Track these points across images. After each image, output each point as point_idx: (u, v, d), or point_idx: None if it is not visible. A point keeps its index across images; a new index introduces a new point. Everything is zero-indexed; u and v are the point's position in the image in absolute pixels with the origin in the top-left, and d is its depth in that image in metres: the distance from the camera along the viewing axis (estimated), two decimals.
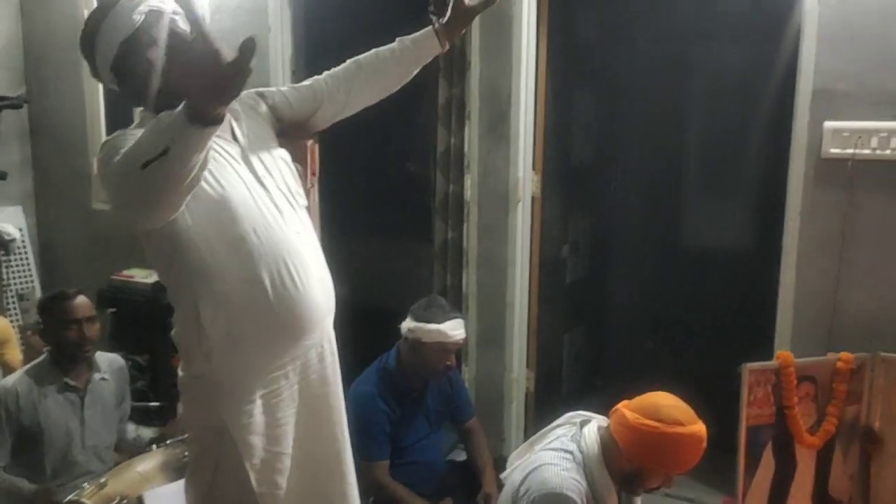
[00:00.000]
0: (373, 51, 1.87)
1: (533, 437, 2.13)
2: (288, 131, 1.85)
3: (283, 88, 1.87)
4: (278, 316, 1.62)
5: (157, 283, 3.41)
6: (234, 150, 1.64)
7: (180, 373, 1.70)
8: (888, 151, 2.57)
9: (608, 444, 1.95)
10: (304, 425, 1.73)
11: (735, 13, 3.86)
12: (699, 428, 1.87)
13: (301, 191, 1.77)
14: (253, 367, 1.63)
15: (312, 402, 1.75)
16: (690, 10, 4.00)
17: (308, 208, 1.79)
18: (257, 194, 1.62)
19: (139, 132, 1.51)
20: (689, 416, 1.88)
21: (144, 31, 1.58)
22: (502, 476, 2.14)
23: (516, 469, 2.04)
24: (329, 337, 1.79)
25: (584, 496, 1.89)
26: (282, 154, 1.76)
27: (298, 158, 1.86)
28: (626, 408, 1.94)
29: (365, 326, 3.38)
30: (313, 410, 1.75)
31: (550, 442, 2.02)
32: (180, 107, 1.21)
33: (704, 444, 1.88)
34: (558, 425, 2.10)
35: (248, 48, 1.13)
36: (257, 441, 1.64)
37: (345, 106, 1.88)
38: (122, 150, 1.41)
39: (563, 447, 1.97)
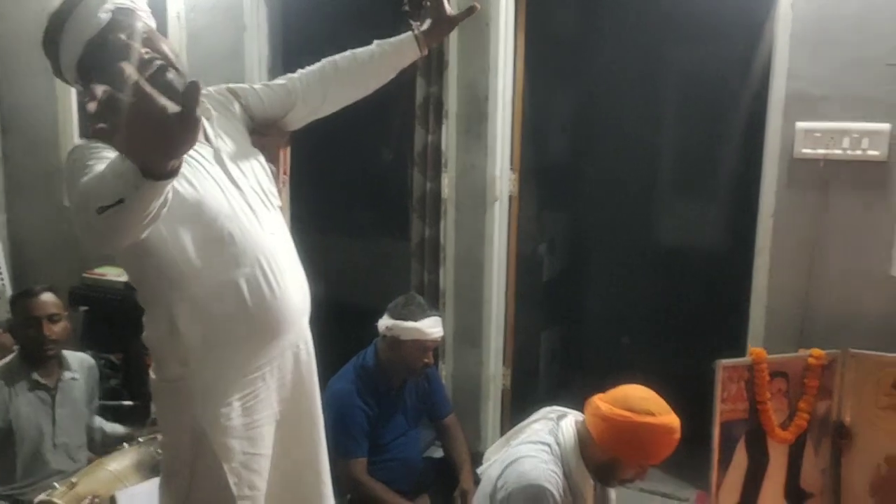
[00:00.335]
0: (350, 52, 1.86)
1: (509, 433, 2.15)
2: (260, 130, 1.83)
3: (257, 86, 1.85)
4: (255, 317, 1.60)
5: (129, 281, 3.37)
6: (207, 152, 1.62)
7: (152, 375, 1.66)
8: (859, 152, 2.62)
9: (583, 435, 1.99)
10: (281, 426, 1.72)
11: (711, 14, 3.90)
12: (671, 419, 1.90)
13: (275, 191, 1.75)
14: (230, 370, 1.61)
15: (289, 403, 1.73)
16: (667, 11, 4.04)
17: (281, 208, 1.77)
18: (231, 196, 1.60)
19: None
20: (661, 407, 1.92)
21: (110, 29, 1.53)
22: (479, 471, 2.16)
23: (493, 464, 2.06)
24: (305, 337, 1.77)
25: (560, 488, 1.92)
26: (255, 154, 1.74)
27: (271, 158, 1.84)
28: (599, 399, 1.98)
29: (342, 324, 3.37)
30: (290, 411, 1.74)
31: (528, 436, 2.04)
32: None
33: (677, 435, 1.91)
34: (535, 420, 2.12)
35: (190, 94, 1.05)
36: (235, 444, 1.62)
37: (319, 107, 1.86)
38: (88, 166, 1.37)
39: (541, 440, 2.00)
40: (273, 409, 1.70)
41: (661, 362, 3.83)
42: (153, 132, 1.05)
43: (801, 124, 2.68)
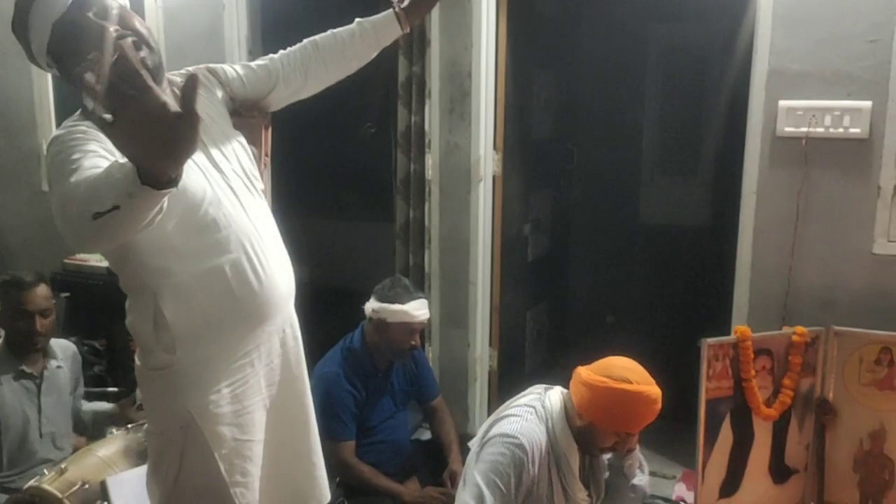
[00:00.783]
0: (330, 32, 1.83)
1: (498, 409, 2.18)
2: (241, 111, 1.80)
3: (237, 66, 1.82)
4: (241, 303, 1.59)
5: (111, 267, 3.35)
6: None
7: (137, 363, 1.65)
8: (840, 130, 2.63)
9: (567, 403, 2.06)
10: (271, 411, 1.72)
11: None
12: (649, 389, 1.94)
13: (257, 173, 1.73)
14: (218, 357, 1.60)
15: (278, 387, 1.73)
16: None
17: (263, 191, 1.75)
18: (214, 180, 1.57)
19: (85, 126, 1.45)
20: (641, 376, 1.97)
21: (77, 8, 1.46)
22: (469, 444, 2.17)
23: (480, 432, 2.11)
24: (291, 321, 1.77)
25: (542, 447, 1.99)
26: (237, 136, 1.71)
27: (252, 140, 1.82)
28: (583, 368, 2.05)
29: (328, 307, 3.36)
30: (279, 396, 1.73)
31: (513, 405, 2.11)
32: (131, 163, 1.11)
33: (655, 405, 1.95)
34: (522, 396, 2.17)
35: (189, 89, 1.03)
36: (226, 431, 1.61)
37: (301, 88, 1.84)
38: (74, 161, 1.34)
39: (527, 403, 2.08)
40: (262, 395, 1.69)
41: (646, 341, 3.84)
42: (154, 130, 1.03)
43: (783, 102, 2.69)
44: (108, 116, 1.01)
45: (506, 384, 3.59)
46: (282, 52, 1.84)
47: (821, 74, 2.64)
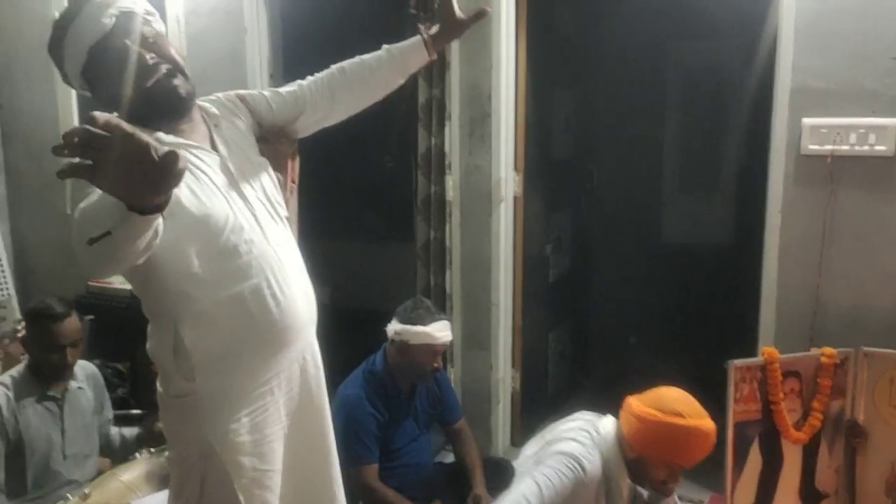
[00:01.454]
0: (358, 58, 1.83)
1: (544, 430, 2.16)
2: (268, 136, 1.81)
3: (265, 92, 1.83)
4: (261, 329, 1.58)
5: (133, 291, 3.37)
6: (214, 161, 1.60)
7: (159, 389, 1.64)
8: (866, 147, 2.60)
9: (618, 432, 2.01)
10: (291, 439, 1.70)
11: (713, 10, 3.88)
12: (702, 423, 1.89)
13: (282, 200, 1.73)
14: (238, 385, 1.59)
15: (298, 415, 1.71)
16: (669, 8, 4.03)
17: (288, 218, 1.75)
18: (238, 207, 1.57)
19: None
20: (694, 410, 1.91)
21: (116, 35, 1.49)
22: (515, 464, 2.15)
23: (532, 454, 2.08)
24: (312, 348, 1.75)
25: (595, 471, 1.94)
26: (262, 163, 1.72)
27: (278, 167, 1.82)
28: (634, 398, 2.00)
29: (349, 329, 3.36)
30: (300, 424, 1.72)
31: (569, 429, 2.06)
32: None
33: (709, 439, 1.90)
34: (571, 419, 2.13)
35: (171, 154, 1.05)
36: (245, 461, 1.60)
37: (328, 114, 1.84)
38: (88, 192, 1.35)
39: (583, 427, 2.03)
40: (282, 424, 1.67)
41: (670, 362, 3.81)
42: (134, 172, 1.03)
43: (807, 120, 2.66)
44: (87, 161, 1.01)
45: (528, 406, 3.56)
46: (309, 78, 1.84)
47: (845, 92, 2.61)
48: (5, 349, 2.93)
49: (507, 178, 3.28)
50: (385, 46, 1.83)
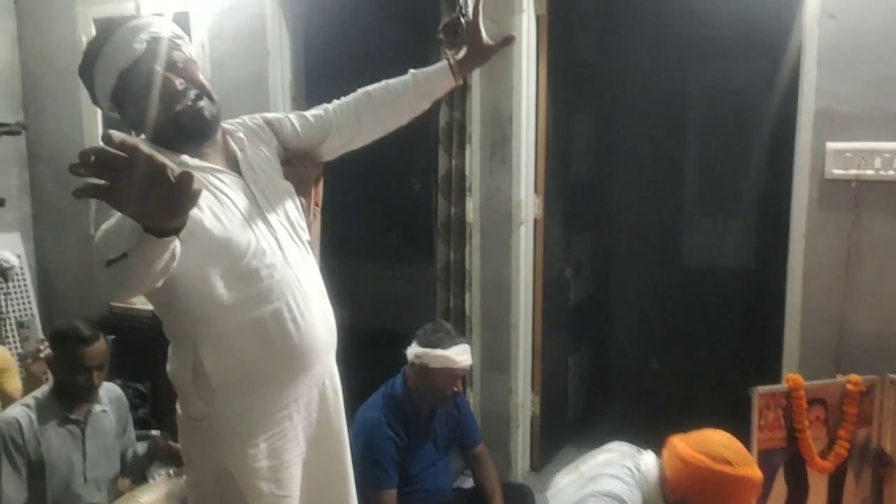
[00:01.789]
0: (384, 82, 1.83)
1: (579, 460, 2.10)
2: (293, 160, 1.82)
3: (291, 116, 1.83)
4: (280, 353, 1.58)
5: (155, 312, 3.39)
6: (237, 184, 1.61)
7: (178, 411, 1.65)
8: (891, 172, 2.58)
9: (661, 472, 1.94)
10: (309, 465, 1.69)
11: (733, 33, 3.88)
12: (750, 472, 1.82)
13: (304, 224, 1.73)
14: (256, 410, 1.59)
15: (317, 441, 1.71)
16: (689, 30, 4.03)
17: (310, 242, 1.76)
18: (260, 231, 1.58)
19: None
20: (742, 457, 1.84)
21: (146, 60, 1.53)
22: (548, 495, 2.11)
23: (570, 486, 2.01)
24: (331, 373, 1.74)
25: None
26: (286, 186, 1.73)
27: (302, 190, 1.83)
28: (679, 439, 1.92)
29: (368, 351, 3.36)
30: (318, 450, 1.71)
31: (607, 461, 2.00)
32: None
33: (756, 489, 1.84)
34: (606, 450, 2.08)
35: (187, 175, 1.05)
36: (263, 486, 1.59)
37: (354, 137, 1.84)
38: (109, 215, 1.37)
39: (623, 464, 1.96)
40: (300, 450, 1.67)
41: (691, 387, 3.78)
42: (150, 193, 1.03)
43: (831, 144, 2.64)
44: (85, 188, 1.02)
45: (548, 430, 3.53)
46: (335, 102, 1.85)
47: (869, 116, 2.59)
48: (28, 368, 2.94)
49: (527, 201, 3.28)
50: (411, 71, 1.84)
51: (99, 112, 3.90)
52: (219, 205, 1.54)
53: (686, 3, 3.91)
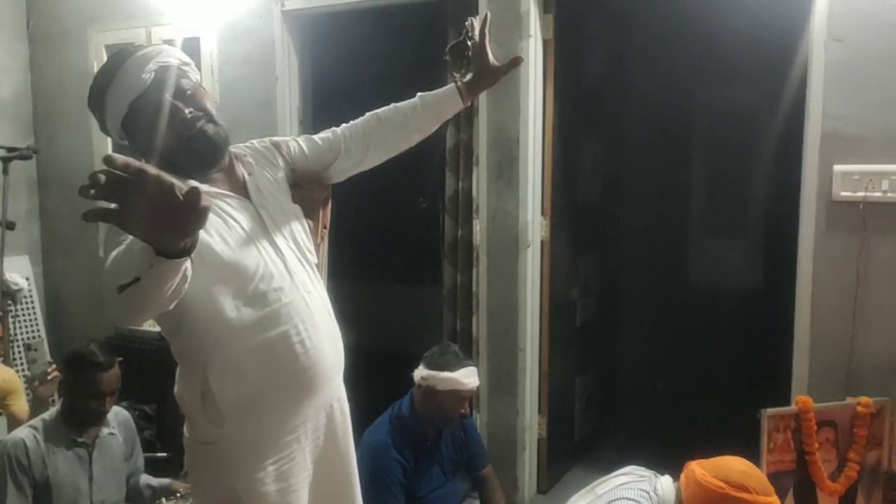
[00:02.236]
0: (393, 105, 1.85)
1: (594, 483, 2.09)
2: (301, 183, 1.83)
3: (300, 139, 1.85)
4: (290, 378, 1.58)
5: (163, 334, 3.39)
6: (246, 209, 1.62)
7: (185, 433, 1.65)
8: None
9: (678, 496, 1.92)
10: (316, 488, 1.69)
11: (740, 56, 3.90)
12: (769, 501, 1.80)
13: (312, 247, 1.74)
14: (265, 433, 1.58)
15: (324, 464, 1.70)
16: (696, 54, 4.06)
17: (318, 265, 1.76)
18: (268, 255, 1.59)
19: None
20: (762, 485, 1.82)
21: (154, 89, 1.55)
22: None
23: None
24: (339, 396, 1.74)
25: None
26: (294, 210, 1.73)
27: (310, 213, 1.83)
28: (697, 464, 1.91)
29: (376, 372, 3.36)
30: (325, 472, 1.71)
31: (624, 484, 1.98)
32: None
33: None
34: (621, 474, 2.06)
35: (194, 191, 1.05)
36: None
37: (362, 160, 1.85)
38: (124, 235, 1.38)
39: (641, 487, 1.94)
40: (308, 472, 1.66)
41: (699, 409, 3.76)
42: (159, 214, 1.03)
43: (838, 167, 2.65)
44: (112, 205, 1.01)
45: (555, 453, 3.51)
46: (344, 125, 1.86)
47: (877, 139, 2.60)
48: (35, 391, 2.94)
49: (534, 223, 3.29)
50: (419, 94, 1.85)
51: (109, 138, 3.93)
52: (227, 229, 1.55)
53: (693, 26, 3.95)
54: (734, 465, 1.86)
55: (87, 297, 4.27)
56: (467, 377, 2.56)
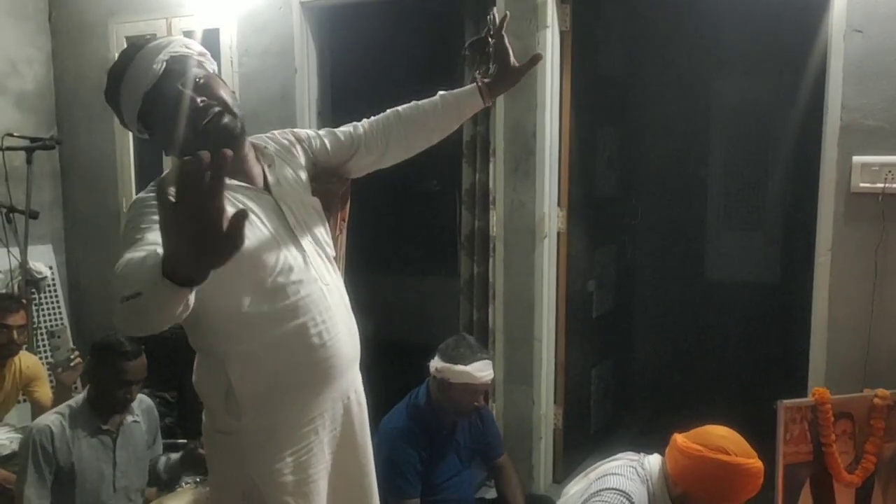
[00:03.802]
0: (414, 103, 1.83)
1: (588, 469, 2.14)
2: (321, 176, 1.82)
3: (322, 132, 1.84)
4: (307, 370, 1.60)
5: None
6: (265, 202, 1.61)
7: (204, 421, 1.67)
8: None
9: (664, 468, 1.99)
10: (333, 479, 1.70)
11: (758, 48, 3.88)
12: (748, 462, 1.85)
13: (330, 240, 1.74)
14: (283, 424, 1.60)
15: (341, 454, 1.71)
16: (714, 45, 4.04)
17: (336, 258, 1.76)
18: (287, 248, 1.59)
19: None
20: (741, 448, 1.87)
21: (167, 79, 1.51)
22: (559, 503, 2.13)
23: (576, 493, 2.06)
24: (355, 386, 1.75)
25: None
26: (314, 203, 1.73)
27: (329, 206, 1.83)
28: (679, 434, 1.97)
29: (392, 362, 3.38)
30: (343, 463, 1.72)
31: (614, 466, 2.04)
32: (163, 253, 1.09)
33: (753, 479, 1.86)
34: (614, 459, 2.11)
35: (239, 219, 1.01)
36: (290, 501, 1.60)
37: (382, 156, 1.84)
38: (141, 231, 1.37)
39: (629, 465, 2.01)
40: (326, 463, 1.68)
41: (715, 401, 3.76)
42: (201, 231, 1.00)
43: (857, 158, 2.64)
44: (171, 194, 0.99)
45: (571, 443, 3.53)
46: (365, 120, 1.85)
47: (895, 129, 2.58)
48: (58, 377, 2.99)
49: (550, 214, 3.30)
50: (440, 93, 1.84)
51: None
52: (248, 224, 1.55)
53: (710, 18, 3.93)
54: (714, 431, 1.93)
55: (108, 285, 4.31)
56: (481, 371, 2.56)
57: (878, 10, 2.58)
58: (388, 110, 1.85)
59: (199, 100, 1.53)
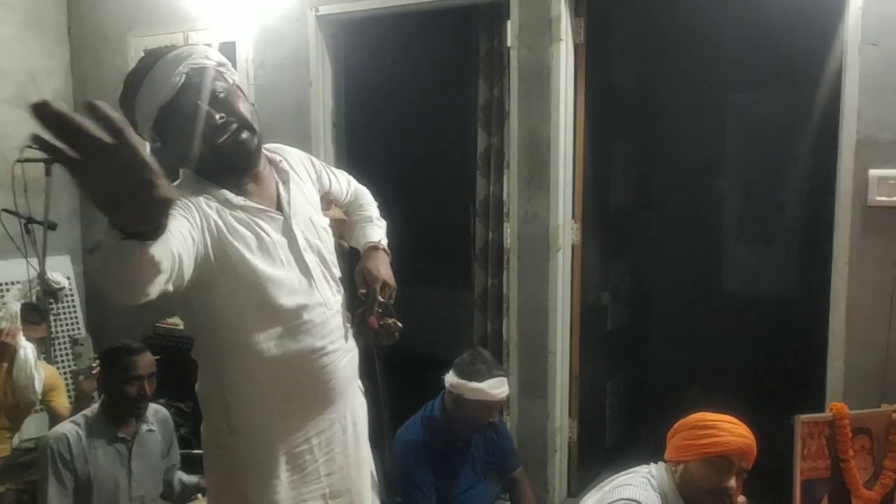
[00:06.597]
0: (359, 204, 2.00)
1: (604, 482, 2.17)
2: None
3: (333, 173, 1.92)
4: (306, 391, 1.62)
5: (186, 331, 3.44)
6: (277, 224, 1.60)
7: (203, 430, 1.68)
8: None
9: (666, 467, 2.07)
10: (328, 498, 1.71)
11: (773, 61, 3.87)
12: (729, 419, 1.98)
13: (336, 261, 1.75)
14: (279, 442, 1.61)
15: (337, 476, 1.72)
16: (728, 58, 4.03)
17: (341, 279, 1.77)
18: (295, 270, 1.59)
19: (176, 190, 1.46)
20: (721, 417, 2.00)
21: (185, 93, 1.48)
22: None
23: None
24: (352, 407, 1.76)
25: None
26: (323, 224, 1.74)
27: (338, 233, 1.89)
28: None
29: (407, 374, 3.38)
30: (338, 483, 1.72)
31: (626, 479, 2.09)
32: None
33: (736, 427, 1.97)
34: (629, 472, 2.13)
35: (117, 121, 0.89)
36: None
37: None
38: None
39: (640, 474, 2.08)
40: (321, 483, 1.68)
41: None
42: (117, 187, 0.90)
43: (874, 171, 2.62)
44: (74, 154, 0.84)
45: (586, 456, 3.51)
46: (353, 183, 1.99)
47: None
48: (79, 385, 3.02)
49: (565, 226, 3.29)
50: (374, 217, 2.00)
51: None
52: (257, 243, 1.55)
53: (725, 31, 3.92)
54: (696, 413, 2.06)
55: None
56: (496, 388, 2.55)
57: (893, 23, 2.56)
58: (363, 190, 2.02)
59: (217, 116, 1.51)
